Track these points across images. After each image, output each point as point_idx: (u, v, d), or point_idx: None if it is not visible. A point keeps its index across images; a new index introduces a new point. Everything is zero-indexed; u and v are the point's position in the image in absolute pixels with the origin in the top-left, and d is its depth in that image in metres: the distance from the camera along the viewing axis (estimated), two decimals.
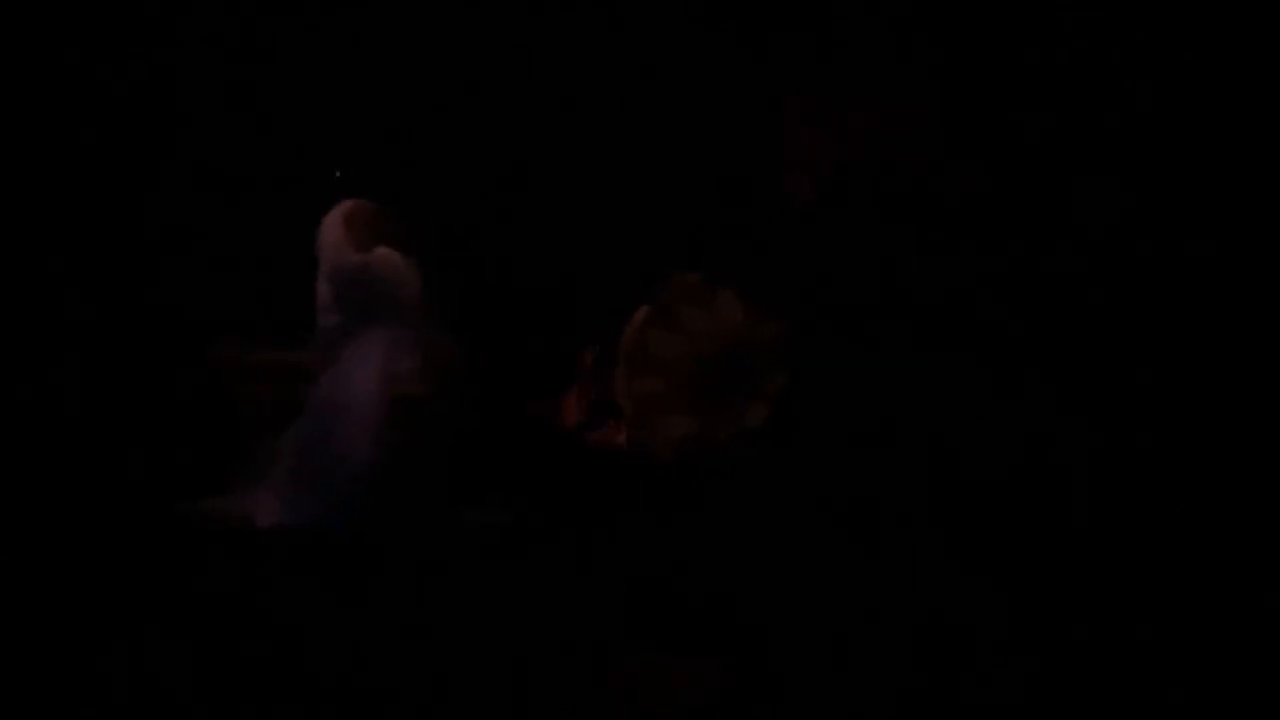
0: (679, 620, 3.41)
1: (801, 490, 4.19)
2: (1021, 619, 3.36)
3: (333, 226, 4.31)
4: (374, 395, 4.14)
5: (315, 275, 4.30)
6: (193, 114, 4.85)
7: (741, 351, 4.56)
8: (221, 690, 2.98)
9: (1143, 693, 2.99)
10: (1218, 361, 4.20)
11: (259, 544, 4.01)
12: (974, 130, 4.63)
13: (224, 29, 4.86)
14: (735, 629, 3.34)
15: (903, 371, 4.44)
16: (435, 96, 5.04)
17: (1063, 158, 4.49)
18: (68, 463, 4.20)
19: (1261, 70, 4.26)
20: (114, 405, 4.45)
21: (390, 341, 4.22)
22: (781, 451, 4.42)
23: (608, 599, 3.54)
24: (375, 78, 4.96)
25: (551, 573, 3.76)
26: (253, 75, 4.90)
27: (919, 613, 3.38)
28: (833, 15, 4.74)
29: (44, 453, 4.22)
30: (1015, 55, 4.54)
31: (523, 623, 3.36)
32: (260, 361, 4.61)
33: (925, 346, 4.45)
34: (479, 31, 5.01)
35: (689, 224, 5.07)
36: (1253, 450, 4.04)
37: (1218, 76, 4.30)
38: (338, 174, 4.88)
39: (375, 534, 4.01)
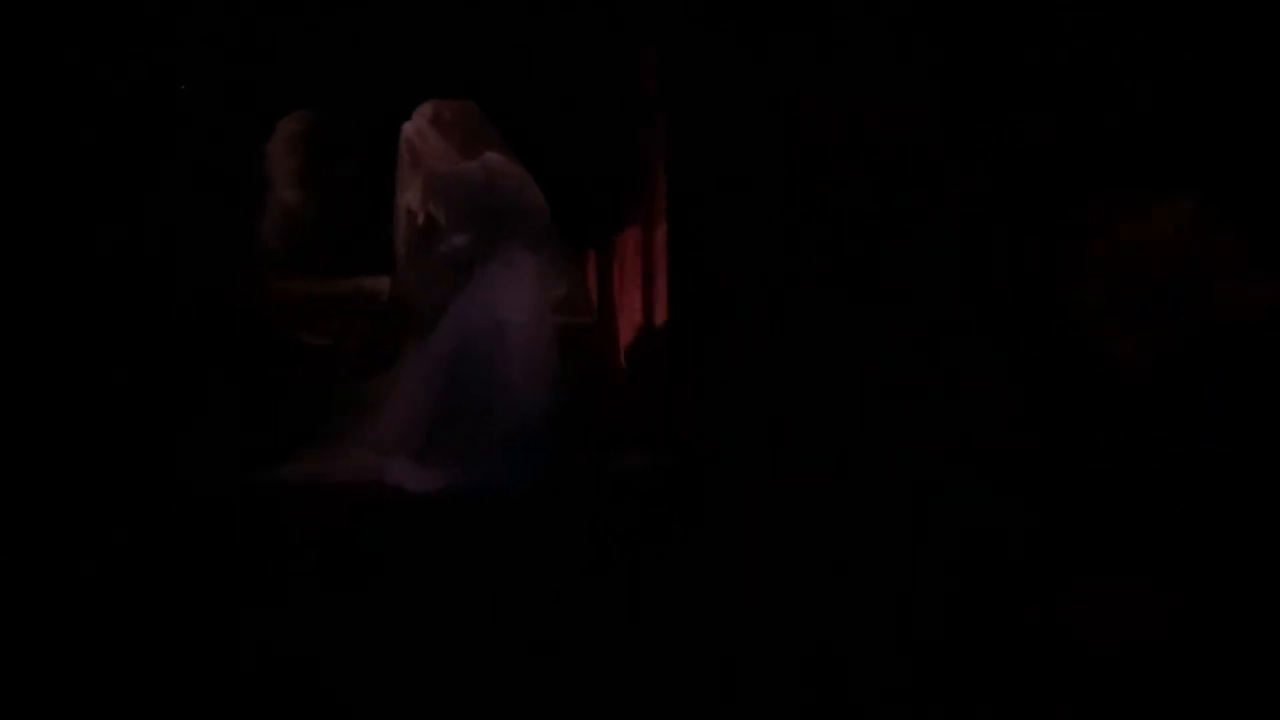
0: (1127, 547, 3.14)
1: None
2: None
3: (423, 131, 3.61)
4: (540, 326, 3.43)
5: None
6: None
7: (1194, 262, 4.03)
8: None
9: None
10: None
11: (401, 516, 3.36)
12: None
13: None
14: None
15: None
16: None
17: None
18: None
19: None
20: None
21: (536, 263, 3.54)
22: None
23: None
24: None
25: None
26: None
27: None
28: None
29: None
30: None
31: None
32: (323, 292, 3.83)
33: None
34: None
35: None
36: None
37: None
38: (183, 88, 3.99)
39: (536, 486, 3.32)
